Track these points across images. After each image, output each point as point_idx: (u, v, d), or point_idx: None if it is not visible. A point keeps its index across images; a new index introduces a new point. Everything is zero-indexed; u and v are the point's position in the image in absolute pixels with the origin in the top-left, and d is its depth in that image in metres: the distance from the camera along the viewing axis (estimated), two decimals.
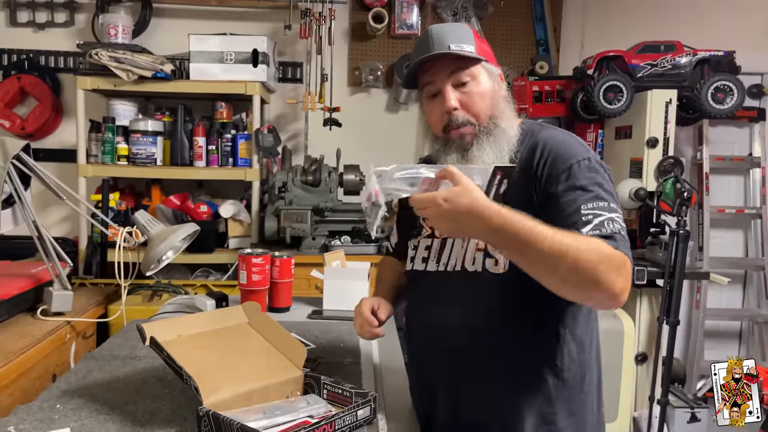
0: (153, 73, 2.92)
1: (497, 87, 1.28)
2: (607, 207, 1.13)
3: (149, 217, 1.91)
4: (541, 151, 1.21)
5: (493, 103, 1.26)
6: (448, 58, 1.23)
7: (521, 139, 1.26)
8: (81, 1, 3.36)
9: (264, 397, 1.13)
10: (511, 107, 1.29)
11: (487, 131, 1.24)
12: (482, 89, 1.25)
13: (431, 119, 1.30)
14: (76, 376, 1.31)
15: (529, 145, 1.25)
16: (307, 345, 1.53)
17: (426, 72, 1.26)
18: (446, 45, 1.22)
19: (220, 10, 3.40)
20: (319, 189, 2.91)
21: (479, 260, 1.23)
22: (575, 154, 1.19)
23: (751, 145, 3.69)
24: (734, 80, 2.99)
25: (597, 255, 1.04)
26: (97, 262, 2.80)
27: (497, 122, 1.25)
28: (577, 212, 1.12)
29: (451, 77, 1.24)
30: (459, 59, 1.23)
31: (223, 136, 3.08)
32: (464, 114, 1.24)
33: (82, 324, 2.02)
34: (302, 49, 3.35)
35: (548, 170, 1.18)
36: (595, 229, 1.10)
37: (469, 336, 1.25)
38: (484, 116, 1.25)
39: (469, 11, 3.45)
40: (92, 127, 3.04)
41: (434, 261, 1.31)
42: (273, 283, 1.85)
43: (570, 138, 1.26)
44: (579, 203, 1.13)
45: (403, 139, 3.53)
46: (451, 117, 1.24)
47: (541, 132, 1.28)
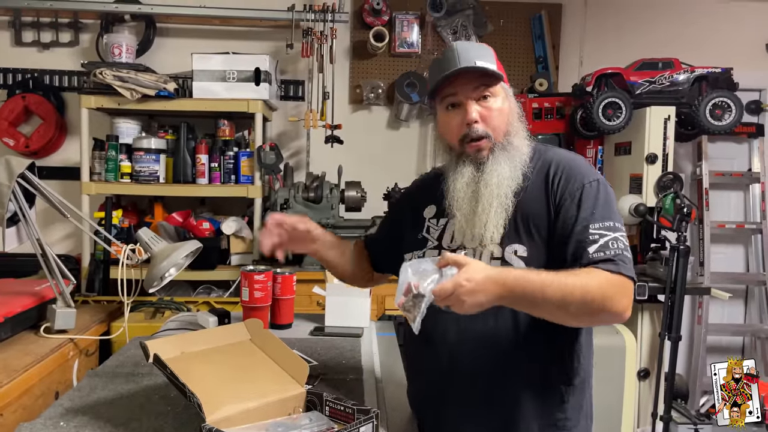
0: (156, 91, 2.95)
1: (513, 106, 1.35)
2: (612, 227, 1.21)
3: (152, 234, 1.92)
4: (555, 169, 1.29)
5: (510, 120, 1.32)
6: (474, 73, 1.27)
7: (531, 156, 1.32)
8: (85, 21, 3.40)
9: (267, 413, 1.14)
10: (524, 126, 1.35)
11: (503, 147, 1.30)
12: (501, 106, 1.31)
13: (447, 129, 1.34)
14: (79, 393, 1.31)
15: (541, 163, 1.32)
16: (310, 362, 1.53)
17: (450, 84, 1.30)
18: (473, 60, 1.26)
19: (223, 29, 3.44)
20: (320, 206, 2.92)
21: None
22: (586, 175, 1.28)
23: (750, 160, 3.71)
24: (732, 97, 3.01)
25: (601, 286, 1.13)
26: (99, 280, 2.81)
27: (511, 139, 1.31)
28: (585, 230, 1.20)
29: (476, 91, 1.28)
30: (484, 76, 1.28)
31: (225, 153, 3.10)
32: (483, 127, 1.29)
33: (84, 341, 2.02)
34: (304, 67, 3.39)
35: (562, 186, 1.26)
36: (600, 250, 1.18)
37: (480, 348, 1.26)
38: (500, 132, 1.30)
39: (469, 30, 3.49)
40: (96, 145, 3.07)
41: None
42: (275, 300, 1.85)
43: (578, 159, 1.35)
44: (588, 222, 1.21)
45: (404, 156, 3.56)
46: (470, 129, 1.28)
47: (549, 151, 1.35)
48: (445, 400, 1.32)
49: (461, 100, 1.29)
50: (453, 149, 1.35)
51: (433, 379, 1.34)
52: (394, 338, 1.88)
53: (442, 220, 1.37)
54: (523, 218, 1.27)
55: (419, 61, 3.50)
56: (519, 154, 1.30)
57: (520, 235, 1.26)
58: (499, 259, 1.25)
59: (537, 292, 1.10)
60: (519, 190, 1.29)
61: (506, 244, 1.26)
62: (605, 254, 1.17)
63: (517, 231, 1.27)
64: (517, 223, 1.27)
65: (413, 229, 1.42)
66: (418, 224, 1.42)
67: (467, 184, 1.31)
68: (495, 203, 1.27)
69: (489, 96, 1.30)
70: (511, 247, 1.26)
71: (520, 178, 1.29)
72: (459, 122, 1.30)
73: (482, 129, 1.29)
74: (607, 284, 1.14)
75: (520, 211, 1.27)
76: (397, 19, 3.45)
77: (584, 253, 1.19)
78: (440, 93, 1.32)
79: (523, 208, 1.28)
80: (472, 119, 1.28)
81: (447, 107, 1.32)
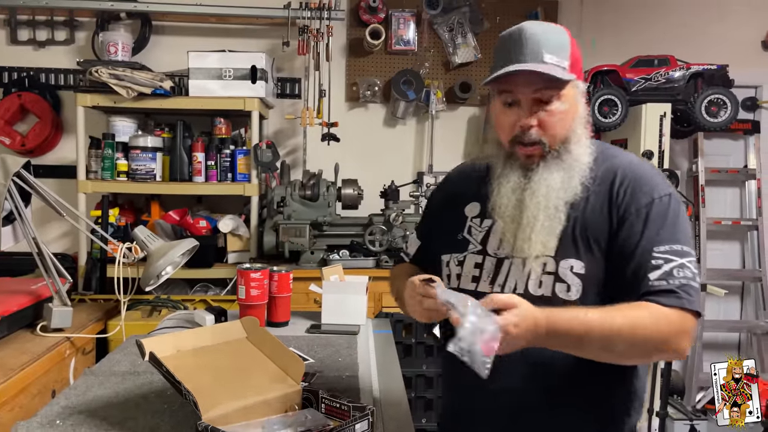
0: (152, 89, 2.94)
1: (579, 107, 1.20)
2: (680, 251, 1.09)
3: (148, 232, 1.92)
4: (621, 179, 1.16)
5: (572, 126, 1.18)
6: (538, 74, 1.11)
7: (594, 161, 1.19)
8: (81, 19, 3.39)
9: (262, 411, 1.14)
10: (586, 130, 1.21)
11: (557, 154, 1.17)
12: (564, 109, 1.16)
13: (500, 125, 1.20)
14: (75, 391, 1.31)
15: (605, 169, 1.19)
16: (306, 359, 1.54)
17: (509, 80, 1.14)
18: (541, 53, 1.11)
19: (219, 27, 3.44)
20: (317, 203, 2.93)
21: (548, 284, 1.14)
22: (656, 188, 1.15)
23: (746, 157, 3.72)
24: (727, 93, 3.02)
25: (657, 325, 1.03)
26: (96, 278, 2.81)
27: (570, 147, 1.17)
28: (649, 253, 1.09)
29: (536, 93, 1.14)
30: (549, 79, 1.12)
31: (222, 151, 3.10)
32: (539, 134, 1.15)
33: (81, 340, 2.02)
34: (300, 65, 3.39)
35: (628, 199, 1.14)
36: (663, 278, 1.07)
37: (534, 371, 1.15)
38: (558, 139, 1.17)
39: (465, 27, 3.49)
40: (92, 144, 3.06)
41: (488, 282, 1.21)
42: (272, 298, 1.86)
43: (650, 169, 1.21)
44: (653, 244, 1.09)
45: (401, 154, 3.56)
46: (524, 133, 1.15)
47: (618, 157, 1.22)
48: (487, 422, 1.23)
49: (519, 98, 1.15)
50: (502, 146, 1.22)
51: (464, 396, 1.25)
52: (390, 335, 1.88)
53: (487, 221, 1.24)
54: (582, 230, 1.15)
55: (415, 59, 3.50)
56: (577, 164, 1.17)
57: (578, 249, 1.14)
58: (553, 274, 1.14)
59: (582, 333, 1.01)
60: (578, 200, 1.16)
61: (561, 258, 1.14)
62: (668, 284, 1.06)
63: (575, 244, 1.15)
64: (576, 235, 1.15)
65: (452, 227, 1.29)
66: (458, 222, 1.28)
67: (512, 191, 1.19)
68: (541, 216, 1.15)
69: (554, 99, 1.14)
70: (566, 261, 1.14)
71: (578, 188, 1.16)
72: (513, 122, 1.16)
73: (536, 135, 1.15)
74: (665, 322, 1.03)
75: (579, 223, 1.15)
76: (394, 16, 3.45)
77: (644, 279, 1.07)
78: (497, 83, 1.17)
79: (583, 219, 1.16)
80: (527, 124, 1.14)
81: (504, 102, 1.18)
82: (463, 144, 3.58)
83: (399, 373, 1.55)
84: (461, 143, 3.59)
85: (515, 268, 1.18)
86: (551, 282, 1.14)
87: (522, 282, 1.17)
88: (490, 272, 1.21)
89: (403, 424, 1.24)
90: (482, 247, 1.23)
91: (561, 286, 1.14)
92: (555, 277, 1.14)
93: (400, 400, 1.39)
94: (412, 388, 2.67)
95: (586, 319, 1.02)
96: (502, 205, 1.19)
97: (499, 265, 1.20)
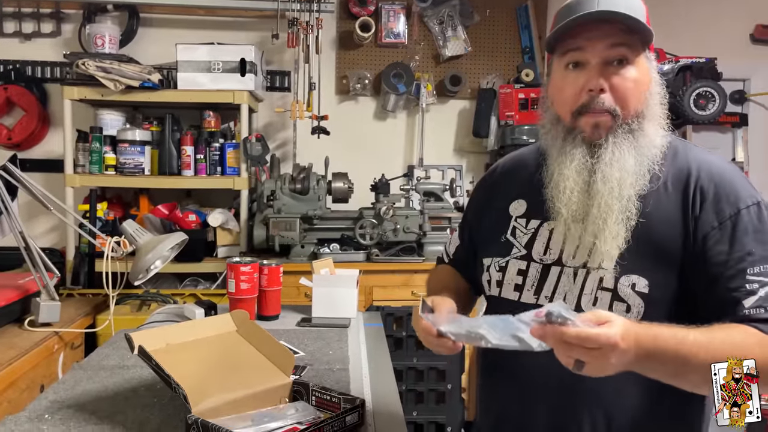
0: (140, 82, 2.92)
1: (655, 84, 1.03)
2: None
3: (137, 226, 1.91)
4: (697, 178, 0.99)
5: (648, 98, 1.01)
6: (613, 25, 0.96)
7: (664, 154, 1.02)
8: (68, 11, 3.35)
9: (253, 404, 1.14)
10: (664, 112, 1.04)
11: (630, 129, 0.99)
12: (639, 76, 0.99)
13: (561, 95, 1.02)
14: (64, 386, 1.31)
15: (678, 166, 1.01)
16: (296, 352, 1.53)
17: (577, 36, 0.98)
18: (616, 5, 0.96)
19: (208, 19, 3.41)
20: (307, 197, 2.92)
21: (604, 302, 0.98)
22: (743, 195, 0.97)
23: (734, 149, 3.74)
24: (716, 86, 3.04)
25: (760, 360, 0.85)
26: (84, 273, 2.79)
27: (644, 124, 1.00)
28: (741, 276, 0.92)
29: (610, 50, 0.97)
30: (627, 32, 0.97)
31: (211, 145, 3.08)
32: (612, 100, 0.98)
33: (70, 334, 2.01)
34: (290, 57, 3.37)
35: (708, 207, 0.96)
36: (761, 305, 0.90)
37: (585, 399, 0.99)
38: (632, 110, 0.99)
39: (455, 20, 3.48)
40: (79, 137, 3.03)
41: (532, 291, 1.06)
42: (262, 292, 1.85)
43: (733, 170, 1.02)
44: (745, 264, 0.92)
45: (391, 147, 3.55)
46: (594, 99, 0.98)
47: (692, 152, 1.04)
48: None
49: (588, 58, 0.98)
50: (561, 122, 1.03)
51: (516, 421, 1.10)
52: (381, 329, 1.88)
53: (534, 221, 1.08)
54: (649, 241, 0.97)
55: (406, 52, 3.50)
56: (650, 146, 0.99)
57: (642, 262, 0.97)
58: (611, 291, 0.97)
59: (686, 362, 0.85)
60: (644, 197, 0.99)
61: (622, 273, 0.97)
62: (766, 311, 0.90)
63: (639, 255, 0.97)
64: (639, 244, 0.97)
65: (495, 227, 1.14)
66: (502, 223, 1.13)
67: (578, 171, 1.00)
68: (616, 206, 0.96)
69: (627, 61, 0.98)
70: (628, 278, 0.97)
71: (647, 178, 0.98)
72: (579, 87, 0.98)
73: (610, 102, 0.97)
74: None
75: (644, 229, 0.97)
76: (384, 9, 3.44)
77: (738, 306, 0.91)
78: (562, 44, 1.00)
79: (650, 225, 0.98)
80: (598, 86, 0.97)
81: (567, 65, 1.00)
82: (453, 137, 3.58)
83: (390, 366, 1.55)
84: (452, 136, 3.59)
85: (566, 278, 1.02)
86: (608, 300, 0.98)
87: (573, 296, 1.01)
88: (535, 281, 1.06)
89: (393, 417, 1.24)
90: (527, 251, 1.07)
91: (619, 305, 0.97)
92: (613, 294, 0.98)
93: (390, 392, 1.39)
94: (403, 381, 2.68)
95: (688, 340, 0.85)
96: (567, 189, 1.00)
97: (545, 273, 1.05)
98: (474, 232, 1.24)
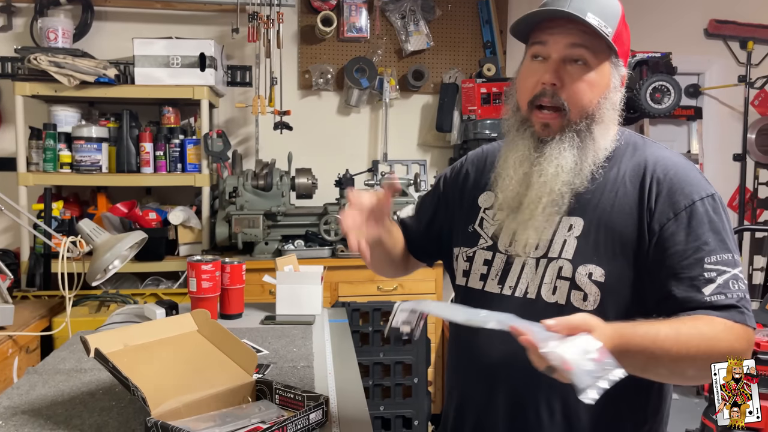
0: (96, 78, 2.84)
1: (613, 90, 1.06)
2: (731, 261, 0.96)
3: (94, 226, 1.86)
4: (653, 173, 1.03)
5: (600, 102, 1.04)
6: (577, 26, 1.00)
7: (622, 151, 1.07)
8: (19, 4, 3.24)
9: (215, 404, 1.12)
10: (615, 119, 1.07)
11: (577, 131, 1.03)
12: (594, 80, 1.02)
13: (524, 84, 1.07)
14: (18, 391, 1.27)
15: (636, 161, 1.05)
16: (259, 350, 1.52)
17: (545, 30, 1.04)
18: (586, 10, 0.99)
19: (165, 13, 3.34)
20: (270, 193, 2.89)
21: (563, 291, 1.03)
22: (697, 188, 1.00)
23: (689, 142, 3.85)
24: (671, 81, 3.12)
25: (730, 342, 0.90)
26: (40, 274, 2.71)
27: (592, 126, 1.04)
28: (698, 265, 0.95)
29: (570, 49, 1.01)
30: (589, 34, 1.00)
31: (171, 141, 3.02)
32: (561, 95, 1.02)
33: (24, 338, 1.95)
34: (251, 52, 3.32)
35: (663, 200, 1.00)
36: (720, 292, 0.94)
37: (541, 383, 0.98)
38: (582, 111, 1.03)
39: (417, 14, 3.49)
40: (32, 134, 2.94)
41: (495, 282, 1.10)
42: (224, 290, 1.82)
43: (688, 165, 1.05)
44: (702, 254, 0.96)
45: (355, 142, 3.54)
46: (546, 91, 1.02)
47: (650, 148, 1.08)
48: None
49: (549, 53, 1.02)
50: (519, 111, 1.08)
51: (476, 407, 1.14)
52: (346, 324, 1.87)
53: (501, 213, 1.11)
54: (606, 233, 1.02)
55: (368, 46, 3.48)
56: (593, 148, 1.03)
57: (599, 254, 1.01)
58: (569, 280, 1.02)
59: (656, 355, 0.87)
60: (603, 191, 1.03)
61: (579, 263, 1.02)
62: (726, 298, 0.93)
63: (596, 248, 1.02)
64: (598, 238, 1.02)
65: (465, 217, 1.18)
66: (471, 213, 1.17)
67: (519, 162, 1.06)
68: (545, 200, 1.03)
69: (585, 62, 1.01)
70: (585, 267, 1.02)
71: (586, 178, 1.03)
72: (536, 78, 1.03)
73: (558, 97, 1.02)
74: (735, 339, 0.90)
75: (603, 224, 1.02)
76: (345, 3, 3.42)
77: (697, 294, 0.94)
78: (533, 35, 1.06)
79: (607, 218, 1.02)
80: (549, 80, 1.01)
81: (533, 56, 1.05)
82: (417, 132, 3.59)
83: (355, 362, 1.54)
84: (415, 131, 3.59)
85: (527, 270, 1.07)
86: (566, 288, 1.03)
87: (534, 286, 1.06)
88: (499, 270, 1.10)
89: (358, 413, 1.24)
90: (493, 242, 1.11)
91: (577, 294, 1.02)
92: (571, 283, 1.02)
93: (355, 387, 1.39)
94: (370, 376, 2.68)
95: (659, 337, 0.88)
96: (507, 177, 1.07)
97: (509, 263, 1.09)
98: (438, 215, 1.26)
